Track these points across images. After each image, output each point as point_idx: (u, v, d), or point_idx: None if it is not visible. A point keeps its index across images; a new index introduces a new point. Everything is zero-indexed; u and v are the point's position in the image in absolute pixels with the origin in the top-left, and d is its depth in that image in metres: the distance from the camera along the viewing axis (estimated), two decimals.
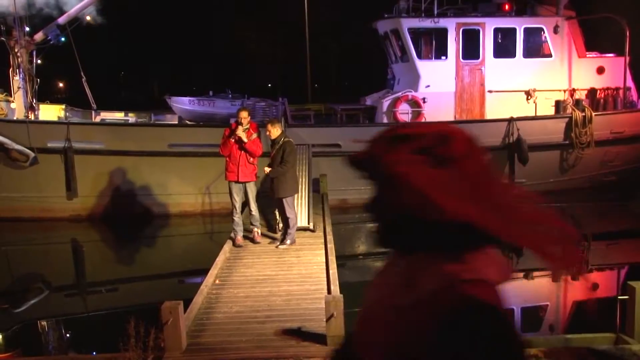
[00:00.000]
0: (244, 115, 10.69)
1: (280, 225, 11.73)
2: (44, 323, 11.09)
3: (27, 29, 17.70)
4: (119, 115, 20.12)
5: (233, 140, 10.56)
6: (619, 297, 7.24)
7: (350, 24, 40.03)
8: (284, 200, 10.89)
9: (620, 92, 19.82)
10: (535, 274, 13.09)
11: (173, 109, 24.21)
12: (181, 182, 17.13)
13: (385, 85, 22.04)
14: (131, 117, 20.06)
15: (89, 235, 16.99)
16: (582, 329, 8.36)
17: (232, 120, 11.68)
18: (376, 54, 24.54)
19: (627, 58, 19.56)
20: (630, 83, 20.09)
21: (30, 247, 16.15)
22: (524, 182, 18.57)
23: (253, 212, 11.28)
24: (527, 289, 12.40)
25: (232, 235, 11.31)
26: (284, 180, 10.83)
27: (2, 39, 17.41)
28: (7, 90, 18.14)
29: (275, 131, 10.98)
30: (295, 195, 11.56)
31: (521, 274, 13.28)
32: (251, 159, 10.77)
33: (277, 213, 11.80)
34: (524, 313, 10.84)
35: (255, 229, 11.44)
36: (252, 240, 11.34)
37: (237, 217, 11.10)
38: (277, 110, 20.67)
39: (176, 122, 20.91)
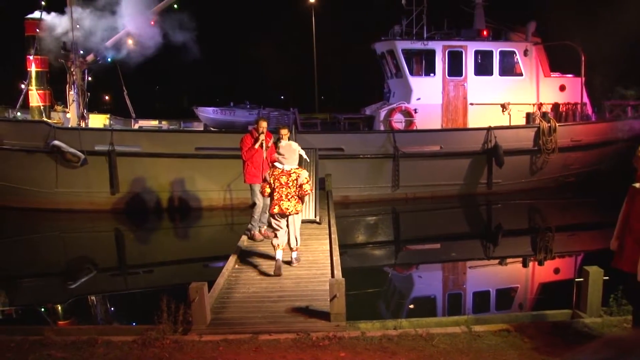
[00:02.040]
0: (264, 125, 10.37)
1: None
2: (92, 298, 11.17)
3: (81, 51, 17.84)
4: (154, 123, 20.19)
5: (257, 147, 10.20)
6: (576, 280, 7.26)
7: (352, 45, 39.95)
8: None
9: (578, 106, 20.03)
10: (508, 260, 13.16)
11: (199, 118, 24.26)
12: (206, 180, 17.18)
13: (382, 97, 22.06)
14: (164, 125, 20.13)
15: (128, 225, 17.07)
16: (545, 306, 8.39)
17: (251, 127, 11.36)
18: (374, 70, 24.53)
19: (583, 78, 19.76)
20: (585, 99, 20.31)
21: (81, 234, 16.24)
22: (500, 182, 18.66)
23: (266, 212, 10.75)
24: (500, 273, 12.46)
25: (252, 231, 10.71)
26: None
27: (62, 60, 17.58)
28: (64, 103, 18.33)
29: (287, 135, 10.90)
30: None
31: (496, 261, 13.36)
32: (269, 163, 10.29)
33: None
34: (498, 294, 10.86)
35: (265, 227, 10.81)
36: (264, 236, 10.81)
37: (257, 215, 10.58)
38: (288, 118, 20.72)
39: (202, 129, 20.94)
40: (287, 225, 8.68)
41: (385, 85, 22.15)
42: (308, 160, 10.87)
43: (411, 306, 10.10)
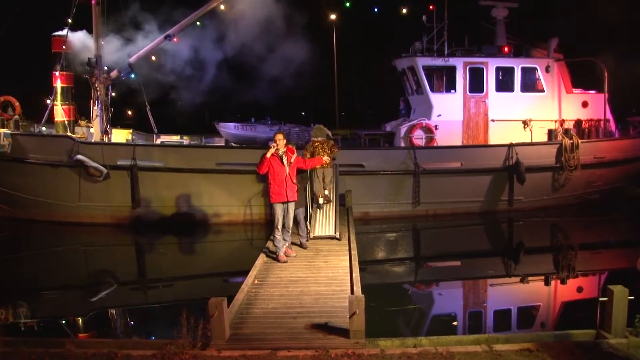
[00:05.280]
0: (279, 137, 10.13)
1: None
2: (113, 311, 11.21)
3: (105, 67, 18.12)
4: (175, 138, 20.31)
5: (268, 155, 9.91)
6: (600, 299, 7.15)
7: (373, 62, 40.06)
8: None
9: (601, 123, 19.82)
10: (530, 278, 12.96)
11: (221, 133, 24.49)
12: (227, 195, 17.23)
13: (400, 116, 22.00)
14: (186, 140, 20.25)
15: (149, 239, 17.15)
16: (568, 325, 8.26)
17: (271, 143, 11.04)
18: (394, 87, 24.52)
19: (606, 95, 19.55)
20: (609, 115, 20.09)
21: (103, 248, 16.35)
22: (521, 199, 18.47)
23: (289, 230, 10.57)
24: (522, 292, 12.28)
25: (278, 253, 10.40)
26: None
27: (86, 76, 17.87)
28: (88, 118, 18.58)
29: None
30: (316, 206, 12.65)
31: (518, 278, 13.18)
32: (294, 180, 10.19)
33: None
34: (520, 312, 10.71)
35: (287, 245, 10.73)
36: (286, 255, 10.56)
37: (279, 235, 10.30)
38: (309, 134, 20.78)
39: (223, 144, 21.03)
40: (324, 178, 13.37)
41: (401, 102, 22.21)
42: (330, 135, 14.33)
43: (431, 324, 10.00)
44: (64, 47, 17.56)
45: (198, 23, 18.78)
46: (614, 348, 6.42)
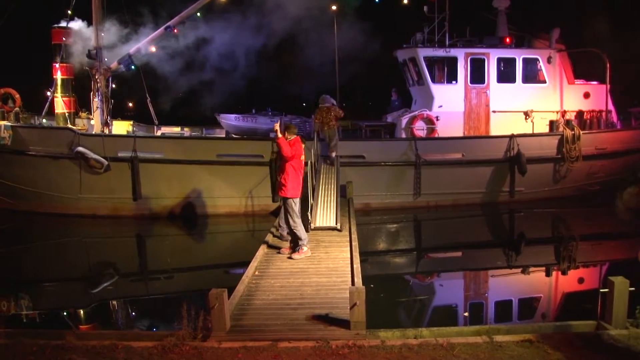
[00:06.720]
0: (275, 128, 9.96)
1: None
2: (114, 303, 11.23)
3: (106, 59, 18.07)
4: (176, 130, 20.30)
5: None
6: (601, 290, 7.16)
7: (374, 53, 39.90)
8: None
9: (603, 114, 19.77)
10: (531, 269, 12.97)
11: (221, 124, 24.40)
12: (227, 186, 17.23)
13: (402, 105, 21.91)
14: (186, 131, 20.25)
15: (150, 230, 17.16)
16: (569, 316, 8.26)
17: (272, 135, 10.91)
18: (395, 78, 24.41)
19: (608, 85, 19.51)
20: (611, 107, 20.04)
21: (104, 240, 16.36)
22: (522, 190, 18.46)
23: (282, 225, 10.37)
24: (523, 282, 12.29)
25: (274, 243, 10.43)
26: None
27: (87, 68, 17.83)
28: (88, 110, 18.56)
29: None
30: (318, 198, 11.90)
31: (518, 270, 13.19)
32: (279, 174, 9.90)
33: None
34: (521, 303, 10.71)
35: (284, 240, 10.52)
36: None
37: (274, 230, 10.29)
38: (310, 126, 20.75)
39: (224, 136, 21.00)
40: (329, 139, 16.04)
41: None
42: (335, 103, 16.58)
43: (432, 315, 10.01)
44: (64, 38, 17.52)
45: (198, 14, 18.70)
46: (614, 339, 6.42)
